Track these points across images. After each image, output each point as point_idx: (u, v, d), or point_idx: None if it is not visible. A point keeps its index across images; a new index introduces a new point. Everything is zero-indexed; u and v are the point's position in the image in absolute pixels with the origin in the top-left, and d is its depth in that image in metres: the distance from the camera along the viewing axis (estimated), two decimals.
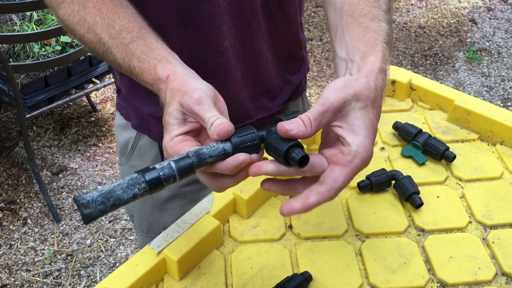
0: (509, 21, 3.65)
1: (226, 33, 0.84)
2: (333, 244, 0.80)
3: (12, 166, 2.49)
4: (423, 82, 1.06)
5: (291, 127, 0.56)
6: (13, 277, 2.04)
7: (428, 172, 0.91)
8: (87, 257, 2.12)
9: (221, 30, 0.83)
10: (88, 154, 2.59)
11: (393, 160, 0.94)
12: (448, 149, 0.92)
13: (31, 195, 2.37)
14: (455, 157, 0.91)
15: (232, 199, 0.83)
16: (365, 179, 0.87)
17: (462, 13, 3.73)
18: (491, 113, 0.97)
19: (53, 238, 2.20)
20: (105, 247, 2.17)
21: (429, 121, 1.02)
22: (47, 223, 2.25)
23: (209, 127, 0.57)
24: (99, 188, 0.53)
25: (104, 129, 2.73)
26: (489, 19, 3.67)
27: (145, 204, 1.04)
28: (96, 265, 2.10)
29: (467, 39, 3.46)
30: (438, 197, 0.87)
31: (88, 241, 2.19)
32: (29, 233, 2.21)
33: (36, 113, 2.18)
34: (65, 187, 2.41)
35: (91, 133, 2.70)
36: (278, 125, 0.57)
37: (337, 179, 0.56)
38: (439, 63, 3.25)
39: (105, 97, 2.93)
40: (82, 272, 2.07)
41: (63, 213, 2.30)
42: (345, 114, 0.57)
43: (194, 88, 0.60)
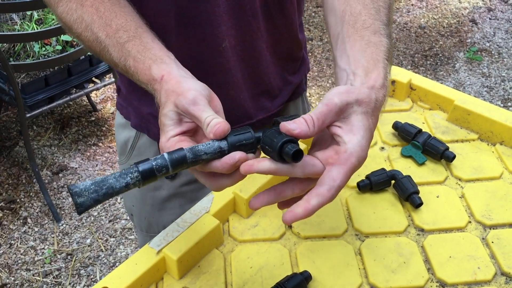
0: (510, 22, 3.64)
1: (225, 33, 0.84)
2: (333, 243, 0.80)
3: (12, 165, 2.50)
4: (423, 82, 1.06)
5: (293, 127, 0.56)
6: (13, 276, 2.04)
7: (427, 172, 0.91)
8: (87, 257, 2.12)
9: (220, 30, 0.83)
10: (88, 153, 2.59)
11: (393, 160, 0.94)
12: (448, 149, 0.92)
13: (31, 194, 2.37)
14: (454, 157, 0.91)
15: (231, 198, 0.83)
16: (364, 178, 0.87)
17: (462, 14, 3.73)
18: (491, 113, 0.97)
19: (53, 237, 2.20)
20: (105, 246, 2.17)
21: (429, 121, 1.02)
22: (47, 223, 2.25)
23: (205, 127, 0.58)
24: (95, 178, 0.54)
25: (104, 128, 2.73)
26: (490, 19, 3.68)
27: (145, 203, 1.04)
28: (96, 264, 2.10)
29: (468, 40, 3.46)
30: (437, 197, 0.87)
31: (88, 241, 2.19)
32: (29, 232, 2.21)
33: (36, 113, 2.18)
34: (65, 186, 2.41)
35: (91, 132, 2.70)
36: (281, 125, 0.57)
37: (336, 178, 0.56)
38: (439, 64, 3.25)
39: (105, 96, 2.93)
40: (82, 271, 2.07)
41: (63, 212, 2.30)
42: (347, 116, 0.58)
43: (188, 88, 0.61)
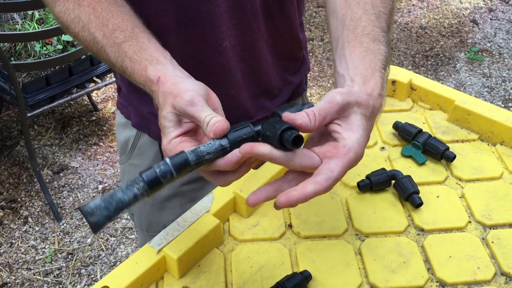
0: (511, 22, 3.64)
1: (226, 33, 0.84)
2: (333, 243, 0.80)
3: (13, 164, 2.50)
4: (424, 82, 1.06)
5: (297, 117, 0.57)
6: (14, 276, 2.04)
7: (428, 172, 0.91)
8: (88, 256, 2.12)
9: (221, 30, 0.83)
10: (89, 153, 2.59)
11: (393, 159, 0.94)
12: (448, 149, 0.92)
13: (32, 193, 2.37)
14: (455, 157, 0.91)
15: (232, 198, 0.83)
16: (365, 178, 0.87)
17: (463, 14, 3.73)
18: (491, 114, 0.97)
19: (54, 236, 2.20)
20: (105, 246, 2.17)
21: (429, 121, 1.02)
22: (47, 222, 2.26)
23: (205, 127, 0.58)
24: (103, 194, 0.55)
25: (105, 128, 2.73)
26: (490, 19, 3.67)
27: (145, 202, 1.04)
28: (96, 264, 2.10)
29: (468, 40, 3.46)
30: (438, 197, 0.87)
31: (88, 240, 2.19)
32: (30, 231, 2.21)
33: (37, 112, 2.18)
34: (66, 186, 2.42)
35: (92, 132, 2.70)
36: (284, 114, 0.58)
37: (334, 170, 0.57)
38: (440, 64, 3.25)
39: (106, 96, 2.94)
40: (82, 271, 2.07)
41: (63, 211, 2.30)
42: (347, 115, 0.60)
43: (185, 89, 0.61)
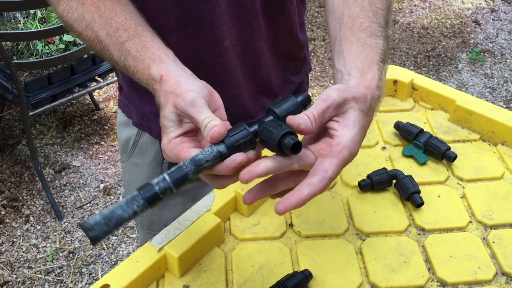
0: None
1: (226, 33, 0.84)
2: (334, 242, 0.80)
3: (15, 163, 2.50)
4: (425, 82, 1.06)
5: (300, 122, 0.57)
6: (15, 274, 2.04)
7: (429, 171, 0.91)
8: (89, 255, 2.13)
9: (221, 30, 0.83)
10: (90, 152, 2.59)
11: (394, 159, 0.94)
12: (449, 149, 0.92)
13: (34, 192, 2.37)
14: (456, 157, 0.91)
15: (233, 197, 0.83)
16: (366, 178, 0.88)
17: (465, 14, 3.73)
18: (492, 114, 0.97)
19: (55, 235, 2.20)
20: (106, 245, 2.17)
21: (430, 121, 1.02)
22: (49, 221, 2.26)
23: (203, 129, 0.58)
24: (103, 211, 0.56)
25: (106, 127, 2.73)
26: (493, 20, 3.67)
27: None
28: (97, 262, 2.10)
29: (470, 40, 3.46)
30: (439, 197, 0.87)
31: None
32: (31, 230, 2.22)
33: (39, 111, 2.18)
34: (68, 185, 2.42)
35: (93, 131, 2.71)
36: (288, 119, 0.58)
37: (328, 169, 0.57)
38: (442, 64, 3.25)
39: (108, 95, 2.94)
40: (83, 269, 2.08)
41: (65, 210, 2.30)
42: (344, 111, 0.60)
43: (187, 90, 0.61)
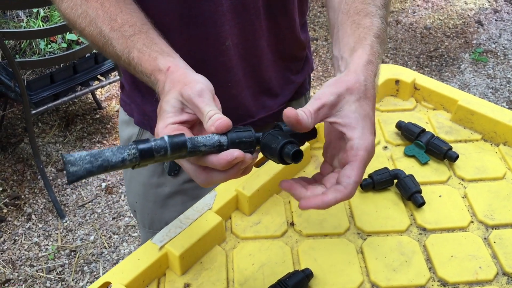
0: None
1: (228, 32, 0.84)
2: (335, 242, 0.80)
3: (17, 162, 2.51)
4: (427, 82, 1.06)
5: (299, 112, 0.58)
6: (17, 272, 2.05)
7: (430, 171, 0.91)
8: (91, 253, 2.13)
9: (223, 29, 0.84)
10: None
11: (396, 159, 0.94)
12: (451, 148, 0.92)
13: (36, 191, 2.38)
14: (457, 157, 0.91)
15: (234, 195, 0.83)
16: (367, 177, 0.87)
17: (468, 15, 3.72)
18: (494, 114, 0.97)
19: (57, 234, 2.21)
20: (108, 243, 2.18)
21: (432, 121, 1.02)
22: (51, 219, 2.26)
23: (207, 120, 0.58)
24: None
25: (109, 126, 2.74)
26: (496, 20, 3.66)
27: (147, 200, 1.05)
28: (99, 261, 2.11)
29: (473, 41, 3.45)
30: (440, 197, 0.87)
31: (91, 237, 2.20)
32: (33, 228, 2.22)
33: (41, 110, 2.19)
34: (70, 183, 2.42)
35: (96, 130, 2.71)
36: (286, 109, 0.58)
37: (350, 175, 0.58)
38: (444, 64, 3.24)
39: (110, 94, 2.94)
40: (85, 268, 2.08)
41: (67, 209, 2.31)
42: (340, 108, 0.60)
43: (196, 80, 0.61)
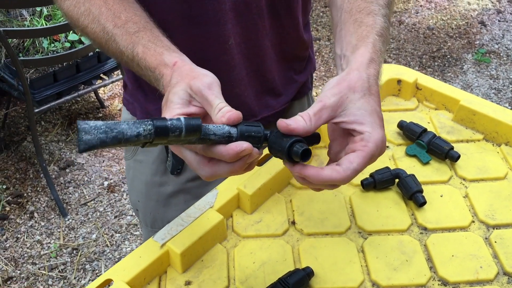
0: None
1: (231, 31, 0.85)
2: (336, 240, 0.80)
3: (20, 160, 2.52)
4: (429, 81, 1.06)
5: (290, 122, 0.57)
6: (19, 270, 2.06)
7: (432, 171, 0.91)
8: (93, 252, 2.14)
9: (226, 28, 0.84)
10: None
11: (397, 158, 0.94)
12: (452, 148, 0.92)
13: (38, 189, 2.39)
14: (459, 156, 0.91)
15: (236, 194, 0.83)
16: (368, 177, 0.88)
17: (471, 15, 3.72)
18: (496, 114, 0.97)
19: (59, 232, 2.21)
20: (110, 242, 2.18)
21: (434, 120, 1.02)
22: (53, 217, 2.27)
23: (216, 112, 0.57)
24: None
25: None
26: (499, 21, 3.66)
27: (150, 199, 1.05)
28: (101, 259, 2.11)
29: (476, 41, 3.45)
30: (441, 196, 0.87)
31: (93, 236, 2.20)
32: (35, 226, 2.23)
33: (44, 108, 2.19)
34: (72, 182, 2.43)
35: None
36: (278, 121, 0.58)
37: (352, 161, 0.57)
38: (447, 65, 3.24)
39: (113, 93, 2.95)
40: (87, 266, 2.08)
41: (69, 207, 2.31)
42: (345, 108, 0.59)
43: (204, 74, 0.61)
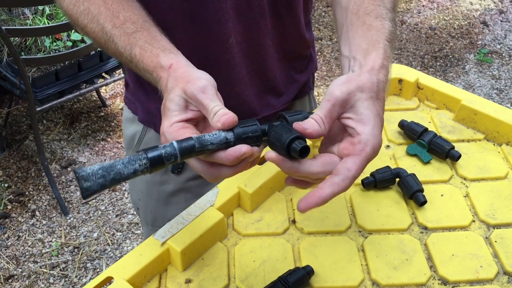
0: None
1: (232, 30, 0.84)
2: (336, 239, 0.80)
3: (21, 158, 2.52)
4: (430, 81, 1.06)
5: (307, 126, 0.57)
6: (21, 268, 2.06)
7: (432, 170, 0.91)
8: (94, 250, 2.14)
9: (227, 27, 0.84)
10: (96, 148, 2.61)
11: (398, 158, 0.94)
12: (453, 148, 0.92)
13: (40, 187, 2.39)
14: (460, 156, 0.91)
15: (236, 192, 0.83)
16: (369, 176, 0.88)
17: (473, 15, 3.71)
18: (497, 114, 0.96)
19: (61, 230, 2.22)
20: (111, 240, 2.18)
21: (435, 120, 1.02)
22: (55, 216, 2.27)
23: (212, 116, 0.58)
24: (100, 163, 0.53)
25: (113, 124, 2.75)
26: (501, 21, 3.65)
27: (151, 197, 1.05)
28: (102, 258, 2.12)
29: (478, 41, 3.44)
30: (442, 196, 0.87)
31: (95, 234, 2.21)
32: (37, 225, 2.23)
33: (46, 107, 2.20)
34: (74, 180, 2.43)
35: (100, 128, 2.72)
36: (294, 125, 0.58)
37: (351, 168, 0.57)
38: (449, 65, 3.24)
39: (114, 92, 2.95)
40: (88, 264, 2.09)
41: (71, 206, 2.32)
42: (353, 105, 0.59)
43: (198, 77, 0.61)
